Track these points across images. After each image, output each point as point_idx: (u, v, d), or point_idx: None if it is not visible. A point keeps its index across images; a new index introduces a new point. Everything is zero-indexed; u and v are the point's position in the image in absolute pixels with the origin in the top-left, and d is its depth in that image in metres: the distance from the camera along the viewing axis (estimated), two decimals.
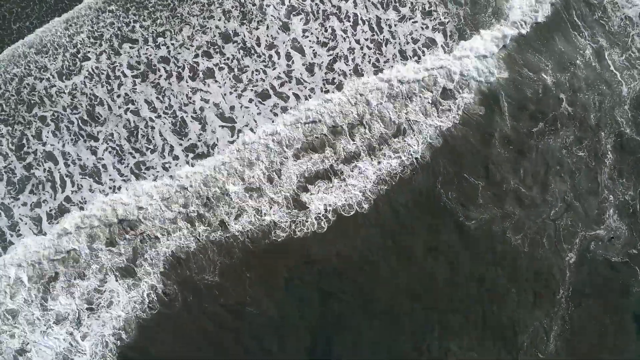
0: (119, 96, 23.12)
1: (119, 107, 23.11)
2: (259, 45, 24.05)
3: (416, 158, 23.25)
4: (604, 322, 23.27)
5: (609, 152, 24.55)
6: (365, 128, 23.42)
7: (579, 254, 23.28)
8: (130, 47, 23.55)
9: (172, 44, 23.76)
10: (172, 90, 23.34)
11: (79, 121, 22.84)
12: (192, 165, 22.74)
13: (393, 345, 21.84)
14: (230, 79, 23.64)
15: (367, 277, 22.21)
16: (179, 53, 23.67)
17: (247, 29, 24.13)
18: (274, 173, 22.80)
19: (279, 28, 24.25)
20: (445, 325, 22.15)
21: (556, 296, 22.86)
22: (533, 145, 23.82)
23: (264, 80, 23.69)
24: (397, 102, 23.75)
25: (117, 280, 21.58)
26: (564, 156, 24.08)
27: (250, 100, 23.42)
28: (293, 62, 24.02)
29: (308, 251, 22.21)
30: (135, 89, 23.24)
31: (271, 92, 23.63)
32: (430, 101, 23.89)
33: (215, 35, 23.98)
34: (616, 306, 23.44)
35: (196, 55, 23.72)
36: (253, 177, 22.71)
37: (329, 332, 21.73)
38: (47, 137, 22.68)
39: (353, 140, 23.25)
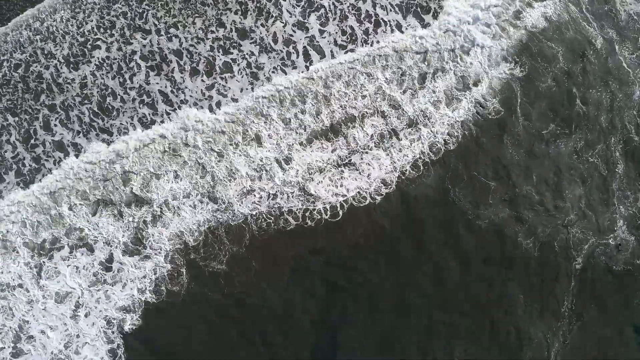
0: (131, 88, 22.57)
1: (133, 100, 22.59)
2: (275, 42, 23.68)
3: (429, 152, 23.04)
4: (605, 335, 23.49)
5: (620, 161, 24.66)
6: (378, 117, 23.19)
7: (585, 261, 23.43)
8: (143, 38, 22.93)
9: (186, 37, 23.22)
10: (186, 85, 22.89)
11: (90, 113, 22.30)
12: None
13: (398, 344, 21.83)
14: (247, 75, 23.22)
15: (374, 269, 22.10)
16: (193, 46, 23.15)
17: (263, 24, 23.75)
18: (283, 160, 22.51)
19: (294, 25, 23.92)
20: (452, 327, 22.14)
21: (561, 308, 22.93)
22: (545, 149, 23.75)
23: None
24: (408, 87, 23.58)
25: (123, 256, 21.19)
26: (576, 162, 24.11)
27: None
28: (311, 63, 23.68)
29: (315, 240, 21.99)
30: (149, 81, 22.69)
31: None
32: (444, 89, 23.71)
33: (231, 30, 23.52)
34: (616, 318, 23.67)
35: (212, 49, 23.26)
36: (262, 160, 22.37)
37: (334, 328, 21.64)
38: (56, 126, 22.11)
39: (365, 129, 22.94)
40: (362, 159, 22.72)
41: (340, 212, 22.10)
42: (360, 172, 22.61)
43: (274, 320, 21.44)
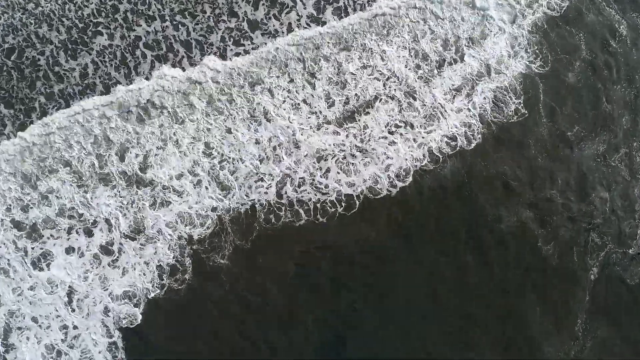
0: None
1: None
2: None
3: (446, 144, 22.02)
4: (620, 353, 22.46)
5: None
6: (392, 104, 22.07)
7: (600, 271, 22.33)
8: (147, 25, 21.56)
9: (195, 28, 21.89)
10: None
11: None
12: None
13: (407, 350, 20.79)
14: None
15: (384, 268, 21.04)
16: (203, 36, 21.83)
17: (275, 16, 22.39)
18: (292, 145, 21.39)
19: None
20: (466, 336, 21.10)
21: (574, 325, 21.82)
22: (569, 152, 22.70)
23: None
24: (423, 73, 22.44)
25: (124, 240, 20.19)
26: (600, 165, 23.10)
27: None
28: None
29: (324, 236, 20.96)
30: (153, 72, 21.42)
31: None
32: (461, 77, 22.64)
33: (242, 20, 22.14)
34: (631, 335, 22.68)
35: (222, 39, 21.95)
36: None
37: (340, 330, 20.61)
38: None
39: (379, 117, 21.88)
40: (375, 148, 21.65)
41: (357, 203, 21.02)
42: (375, 162, 21.57)
43: (277, 320, 20.44)
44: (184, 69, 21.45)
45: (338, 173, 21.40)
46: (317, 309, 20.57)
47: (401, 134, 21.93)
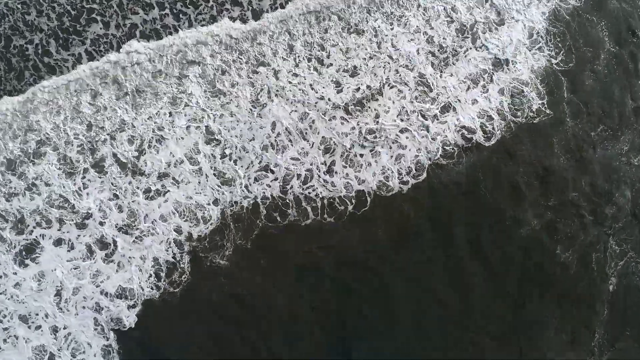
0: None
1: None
2: None
3: (462, 139, 20.78)
4: None
5: None
6: (406, 92, 20.81)
7: (618, 281, 21.12)
8: (145, 13, 20.38)
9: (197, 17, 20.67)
10: None
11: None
12: None
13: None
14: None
15: (393, 271, 19.93)
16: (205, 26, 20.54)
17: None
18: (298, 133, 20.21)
19: None
20: (478, 348, 19.96)
21: (591, 341, 20.67)
22: (592, 153, 21.38)
23: None
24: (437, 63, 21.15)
25: (117, 233, 19.16)
26: (623, 166, 21.77)
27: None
28: None
29: (329, 234, 19.82)
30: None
31: None
32: (476, 68, 21.28)
33: (246, 9, 20.87)
34: None
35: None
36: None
37: (345, 336, 19.60)
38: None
39: (391, 106, 20.61)
40: (386, 139, 20.44)
41: (368, 201, 19.89)
42: (386, 154, 20.36)
43: (279, 325, 19.42)
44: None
45: (345, 167, 20.21)
46: (321, 313, 19.51)
47: (413, 124, 20.67)
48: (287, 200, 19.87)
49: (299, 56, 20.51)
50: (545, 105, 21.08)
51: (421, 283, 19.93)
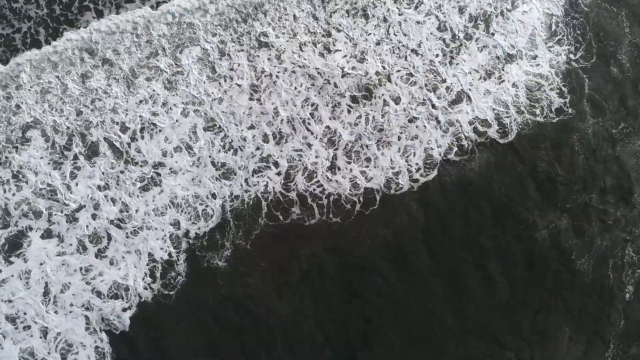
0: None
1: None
2: None
3: (475, 134, 19.65)
4: None
5: None
6: (416, 79, 19.60)
7: (634, 290, 19.97)
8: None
9: None
10: None
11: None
12: None
13: None
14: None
15: (402, 276, 18.90)
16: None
17: None
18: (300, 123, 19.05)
19: None
20: (490, 358, 18.97)
21: (605, 352, 19.61)
22: (612, 151, 20.18)
23: None
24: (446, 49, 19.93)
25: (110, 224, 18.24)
26: None
27: None
28: None
29: (334, 235, 18.77)
30: None
31: None
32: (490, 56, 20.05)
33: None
34: None
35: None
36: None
37: (351, 344, 18.58)
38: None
39: (398, 96, 19.43)
40: (395, 130, 19.32)
41: (377, 199, 18.84)
42: (395, 147, 19.25)
43: (280, 332, 18.43)
44: None
45: (350, 162, 19.15)
46: (325, 319, 18.55)
47: (423, 113, 19.54)
48: (291, 198, 18.77)
49: (304, 38, 19.31)
50: (567, 104, 19.89)
51: (431, 289, 18.93)
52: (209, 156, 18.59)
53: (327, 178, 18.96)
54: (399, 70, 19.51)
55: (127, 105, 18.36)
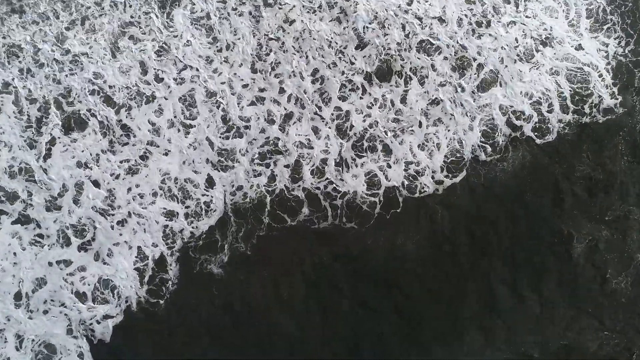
0: None
1: None
2: None
3: (510, 132, 17.43)
4: None
5: None
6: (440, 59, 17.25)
7: None
8: None
9: None
10: None
11: None
12: None
13: None
14: None
15: (420, 288, 16.80)
16: None
17: None
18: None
19: None
20: None
21: None
22: None
23: None
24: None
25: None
26: None
27: None
28: None
29: (346, 240, 16.69)
30: None
31: None
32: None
33: None
34: None
35: None
36: None
37: None
38: None
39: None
40: (417, 117, 17.09)
41: (400, 201, 16.65)
42: (416, 139, 17.03)
43: (284, 350, 16.33)
44: None
45: (364, 155, 16.88)
46: (334, 335, 16.47)
47: (447, 94, 17.27)
48: (299, 196, 16.51)
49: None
50: (617, 103, 17.62)
51: (455, 304, 16.91)
52: (206, 138, 16.30)
53: (339, 175, 16.67)
54: (422, 42, 17.10)
55: (112, 73, 16.06)
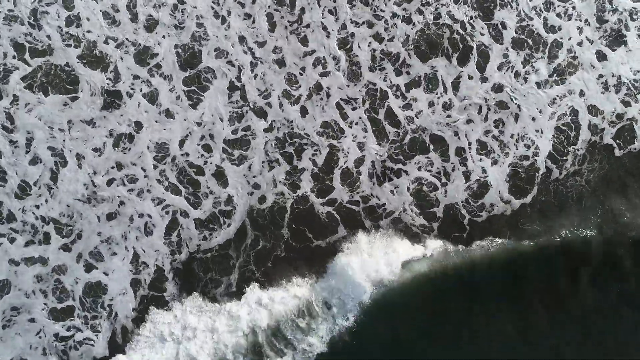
0: None
1: None
2: None
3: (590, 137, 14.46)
4: None
5: None
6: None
7: None
8: None
9: None
10: None
11: None
12: None
13: None
14: None
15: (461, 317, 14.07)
16: None
17: None
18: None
19: None
20: None
21: None
22: None
23: None
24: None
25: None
26: None
27: None
28: None
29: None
30: None
31: None
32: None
33: None
34: None
35: None
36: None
37: None
38: None
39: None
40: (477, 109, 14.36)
41: (465, 222, 14.04)
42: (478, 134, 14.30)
43: None
44: None
45: (407, 162, 14.05)
46: None
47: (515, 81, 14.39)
48: (330, 209, 13.03)
49: None
50: None
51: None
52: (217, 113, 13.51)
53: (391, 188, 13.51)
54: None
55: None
